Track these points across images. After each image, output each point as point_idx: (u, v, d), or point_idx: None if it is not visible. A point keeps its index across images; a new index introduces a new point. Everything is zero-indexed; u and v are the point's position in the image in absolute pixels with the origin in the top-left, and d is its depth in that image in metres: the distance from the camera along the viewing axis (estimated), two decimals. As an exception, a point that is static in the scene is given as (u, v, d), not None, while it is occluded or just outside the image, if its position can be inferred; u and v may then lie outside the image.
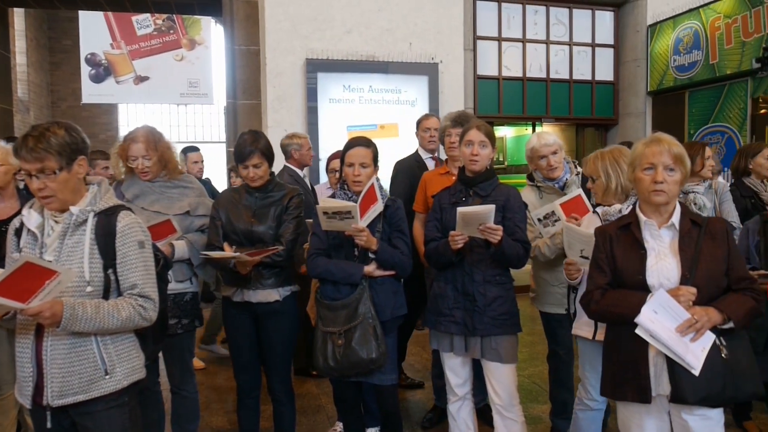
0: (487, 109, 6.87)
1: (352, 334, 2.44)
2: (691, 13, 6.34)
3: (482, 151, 2.56)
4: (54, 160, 1.75)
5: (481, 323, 2.51)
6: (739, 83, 5.81)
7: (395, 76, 6.18)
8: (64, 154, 1.77)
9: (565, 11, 7.16)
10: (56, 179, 1.77)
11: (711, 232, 1.93)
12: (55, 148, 1.75)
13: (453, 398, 2.72)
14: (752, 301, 1.86)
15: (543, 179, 3.10)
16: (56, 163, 1.76)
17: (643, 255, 1.94)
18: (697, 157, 3.36)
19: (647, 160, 1.92)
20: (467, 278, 2.55)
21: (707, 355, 1.79)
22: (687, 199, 3.30)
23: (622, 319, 1.89)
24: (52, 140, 1.76)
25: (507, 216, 2.54)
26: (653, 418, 1.96)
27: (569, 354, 3.17)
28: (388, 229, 2.59)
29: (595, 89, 7.32)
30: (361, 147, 2.57)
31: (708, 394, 1.79)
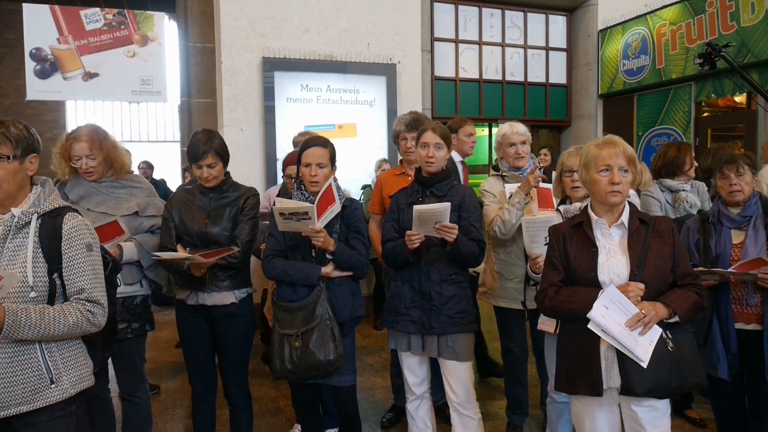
0: (444, 110, 6.94)
1: (309, 336, 2.41)
2: (639, 19, 6.57)
3: (438, 153, 2.59)
4: (9, 146, 1.75)
5: (437, 322, 2.53)
6: (683, 87, 6.06)
7: (353, 76, 6.17)
8: (19, 145, 1.77)
9: (520, 15, 7.31)
10: (6, 167, 1.74)
11: (658, 230, 2.00)
12: (13, 135, 1.76)
13: (411, 397, 2.73)
14: (696, 296, 1.94)
15: (508, 168, 3.16)
16: (11, 150, 1.75)
17: (595, 253, 2.00)
18: (687, 157, 3.48)
19: (603, 162, 1.98)
20: (424, 277, 2.57)
21: (654, 348, 1.86)
22: (679, 197, 3.40)
23: (575, 314, 1.94)
24: (11, 129, 1.77)
25: (462, 215, 2.57)
26: (605, 410, 2.01)
27: (523, 350, 3.24)
28: (345, 230, 2.57)
29: (549, 92, 7.50)
30: (318, 147, 2.54)
31: (655, 386, 1.85)
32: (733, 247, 2.48)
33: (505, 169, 3.19)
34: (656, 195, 3.43)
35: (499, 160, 3.26)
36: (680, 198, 3.40)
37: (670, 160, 3.48)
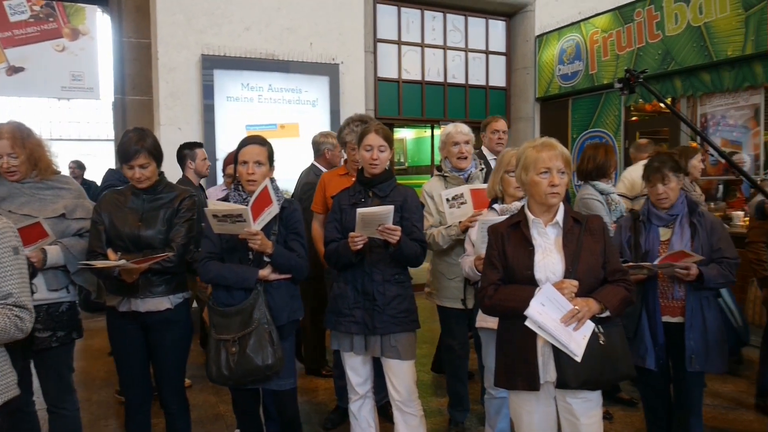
0: (387, 111, 6.98)
1: (246, 340, 2.35)
2: (573, 26, 6.83)
3: (381, 155, 2.60)
4: None
5: (381, 322, 2.53)
6: (614, 93, 6.33)
7: (296, 76, 6.10)
8: None
9: (461, 18, 7.45)
10: None
11: (590, 229, 2.08)
12: None
13: (354, 397, 2.73)
14: (625, 291, 2.03)
15: (450, 169, 3.20)
16: None
17: (531, 251, 2.05)
18: (611, 160, 3.61)
19: (543, 165, 2.03)
20: (367, 278, 2.56)
21: (588, 342, 1.93)
22: (612, 199, 3.50)
23: (513, 312, 1.99)
24: None
25: (405, 216, 2.59)
26: (541, 404, 2.07)
27: (464, 348, 3.29)
28: (284, 232, 2.53)
29: (489, 94, 7.68)
30: (255, 145, 2.49)
31: (588, 378, 1.93)
32: (660, 244, 2.61)
33: (447, 170, 3.23)
34: (597, 197, 3.52)
35: (442, 160, 3.30)
36: (614, 200, 3.52)
37: (601, 164, 3.57)
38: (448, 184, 3.19)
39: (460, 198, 2.97)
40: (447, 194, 3.03)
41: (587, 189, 3.57)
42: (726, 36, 5.14)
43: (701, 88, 5.50)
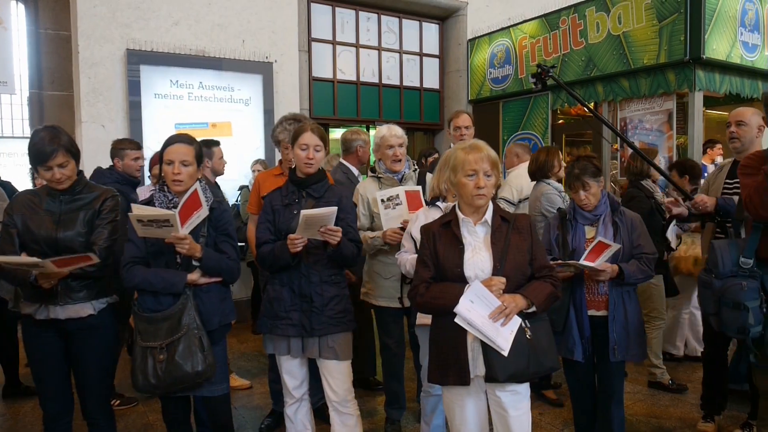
0: (322, 111, 6.94)
1: (175, 347, 2.27)
2: (503, 31, 7.04)
3: (317, 154, 2.58)
4: None
5: (318, 323, 2.52)
6: (541, 97, 6.58)
7: (228, 74, 5.96)
8: None
9: (396, 20, 7.51)
10: None
11: (518, 227, 2.16)
12: None
13: (290, 401, 2.69)
14: (551, 287, 2.12)
15: (385, 170, 3.22)
16: None
17: (462, 250, 2.10)
18: (555, 160, 3.82)
19: (470, 167, 2.09)
20: (304, 280, 2.54)
21: (515, 337, 1.99)
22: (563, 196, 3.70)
23: (444, 309, 2.03)
24: None
25: (340, 217, 2.57)
26: (472, 398, 2.13)
27: (400, 346, 3.33)
28: (213, 233, 2.46)
29: (423, 96, 7.79)
30: (182, 144, 2.40)
31: (515, 372, 1.99)
32: (586, 241, 2.73)
33: (381, 171, 3.25)
34: (556, 193, 3.71)
35: (377, 161, 3.32)
36: (564, 197, 3.72)
37: (542, 164, 3.80)
38: (383, 186, 3.21)
39: (395, 199, 3.00)
40: (382, 195, 3.05)
41: (545, 186, 3.76)
42: (642, 45, 5.46)
43: (621, 93, 5.81)
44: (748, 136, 3.12)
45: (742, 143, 3.13)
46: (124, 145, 3.95)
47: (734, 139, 3.17)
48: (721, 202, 3.01)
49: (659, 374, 4.01)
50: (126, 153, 3.87)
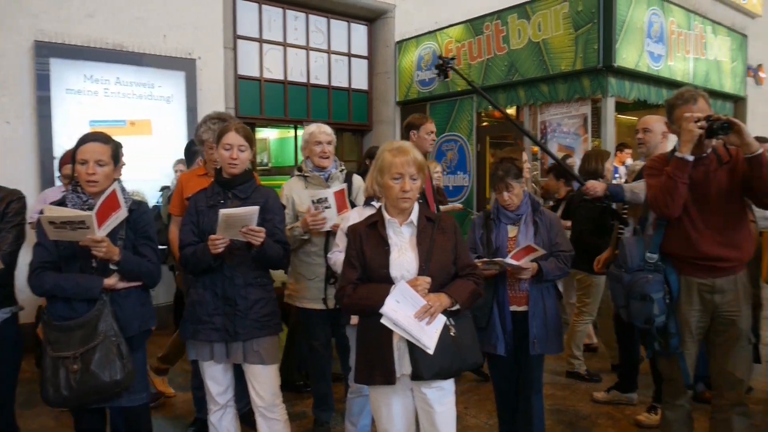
0: (249, 110, 6.80)
1: (90, 356, 2.15)
2: (430, 35, 7.18)
3: (241, 154, 2.53)
4: None
5: (243, 327, 2.46)
6: (467, 99, 6.77)
7: (148, 69, 5.71)
8: None
9: (324, 20, 7.48)
10: None
11: (442, 227, 2.21)
12: None
13: (214, 408, 2.62)
14: (474, 285, 2.18)
15: (312, 168, 3.19)
16: None
17: (387, 250, 2.13)
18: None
19: (396, 170, 2.11)
20: (227, 282, 2.48)
21: (440, 335, 2.04)
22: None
23: (371, 310, 2.04)
24: None
25: (267, 218, 2.54)
26: (399, 396, 2.16)
27: (327, 348, 3.32)
28: (132, 236, 2.36)
29: (352, 97, 7.80)
30: (97, 143, 2.29)
31: (440, 369, 2.04)
32: (509, 240, 2.83)
33: (308, 170, 3.22)
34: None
35: (304, 160, 3.29)
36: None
37: None
38: (309, 185, 3.19)
39: (324, 202, 2.99)
40: (313, 196, 3.04)
41: None
42: (560, 52, 5.73)
43: (540, 98, 6.07)
44: (653, 141, 3.45)
45: (648, 148, 3.47)
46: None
47: (641, 144, 3.52)
48: (610, 187, 3.36)
49: (577, 365, 4.25)
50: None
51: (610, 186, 3.41)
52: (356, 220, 2.57)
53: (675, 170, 2.39)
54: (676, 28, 6.17)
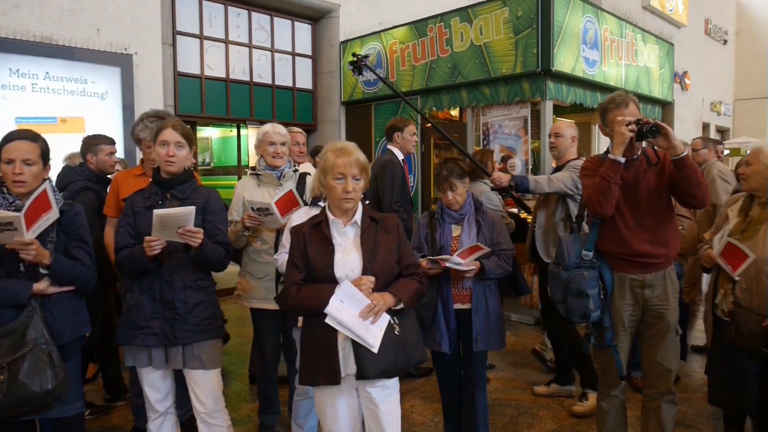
0: (189, 108, 6.62)
1: (18, 365, 2.04)
2: (375, 35, 7.20)
3: (179, 152, 2.45)
4: None
5: (182, 331, 2.39)
6: (411, 100, 6.78)
7: (80, 64, 5.46)
8: None
9: (267, 18, 7.38)
10: None
11: (386, 227, 2.22)
12: None
13: (154, 415, 2.54)
14: (417, 284, 2.21)
15: (265, 167, 3.17)
16: None
17: (332, 251, 2.13)
18: (488, 162, 4.20)
19: (338, 170, 2.11)
20: (166, 285, 2.40)
21: (384, 333, 2.05)
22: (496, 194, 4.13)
23: (315, 311, 2.03)
24: None
25: (207, 218, 2.48)
26: (344, 396, 2.16)
27: (276, 349, 3.27)
28: (64, 239, 2.25)
29: (296, 96, 7.73)
30: (24, 141, 2.17)
31: (385, 368, 2.06)
32: (452, 239, 2.88)
33: (261, 168, 3.20)
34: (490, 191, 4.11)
35: (258, 159, 3.27)
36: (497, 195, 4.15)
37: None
38: (262, 183, 3.17)
39: (266, 211, 2.97)
40: (253, 205, 3.03)
41: (482, 186, 4.18)
42: (501, 56, 5.88)
43: (482, 100, 6.21)
44: (564, 145, 3.70)
45: (558, 151, 3.73)
46: (98, 140, 3.77)
47: (553, 149, 3.77)
48: (516, 178, 3.58)
49: (545, 352, 4.48)
50: (100, 148, 3.74)
51: (516, 176, 3.61)
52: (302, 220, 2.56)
53: (608, 171, 2.49)
54: (610, 35, 6.45)
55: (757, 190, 2.72)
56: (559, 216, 3.67)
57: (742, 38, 16.38)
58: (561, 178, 3.55)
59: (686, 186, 2.47)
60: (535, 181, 3.56)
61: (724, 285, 2.75)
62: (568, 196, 3.61)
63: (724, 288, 2.75)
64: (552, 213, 3.70)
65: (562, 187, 3.53)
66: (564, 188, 3.54)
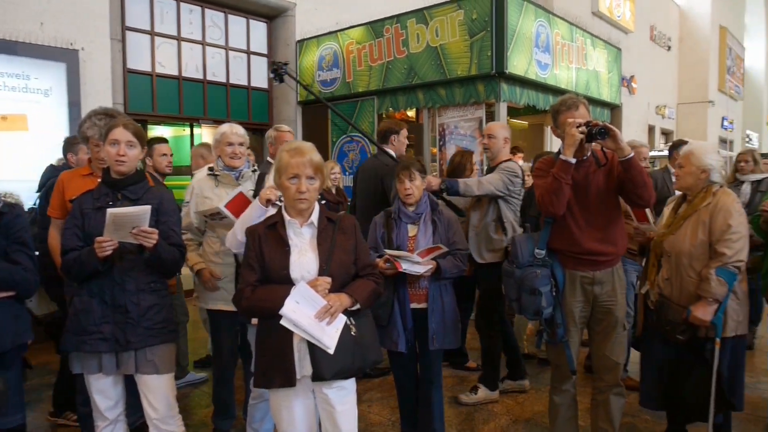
0: (139, 106, 6.43)
1: (-46, 375, 1.95)
2: (331, 35, 7.17)
3: (130, 151, 2.39)
4: None
5: (135, 335, 2.33)
6: (368, 100, 6.84)
7: (22, 59, 5.21)
8: None
9: (221, 15, 7.24)
10: None
11: (343, 227, 2.22)
12: None
13: (103, 423, 2.46)
14: (374, 284, 2.22)
15: (223, 167, 3.13)
16: None
17: (288, 251, 2.11)
18: (467, 163, 4.30)
19: (292, 171, 2.10)
20: (117, 288, 2.33)
21: (340, 334, 2.05)
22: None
23: (270, 312, 2.01)
24: None
25: (161, 220, 2.43)
26: (300, 398, 2.15)
27: (233, 353, 3.22)
28: (4, 242, 2.15)
29: (251, 95, 7.62)
30: None
31: (341, 369, 2.06)
32: (409, 239, 2.91)
33: (219, 168, 3.16)
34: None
35: (216, 159, 3.23)
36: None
37: (456, 166, 4.31)
38: (219, 183, 3.13)
39: (217, 216, 2.94)
40: (205, 212, 3.01)
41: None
42: (456, 57, 5.96)
43: (438, 101, 6.27)
44: (496, 146, 3.81)
45: (492, 152, 3.84)
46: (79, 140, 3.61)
47: (487, 149, 3.88)
48: (447, 181, 3.64)
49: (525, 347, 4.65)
50: (80, 148, 3.69)
51: (446, 180, 3.68)
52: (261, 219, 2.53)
53: (559, 171, 2.57)
54: (561, 39, 6.64)
55: (688, 189, 2.87)
56: (490, 217, 3.75)
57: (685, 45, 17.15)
58: (491, 181, 3.64)
59: (633, 186, 2.57)
60: (465, 184, 3.61)
61: (651, 275, 2.91)
62: (499, 198, 3.70)
63: (650, 278, 2.92)
64: (484, 214, 3.78)
65: (492, 189, 3.62)
66: (494, 190, 3.62)
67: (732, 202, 2.73)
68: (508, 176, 3.65)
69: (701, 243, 2.72)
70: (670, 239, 2.84)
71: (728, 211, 2.69)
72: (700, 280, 2.69)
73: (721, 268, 2.64)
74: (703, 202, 2.77)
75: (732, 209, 2.70)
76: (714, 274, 2.63)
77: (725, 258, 2.63)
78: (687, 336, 2.73)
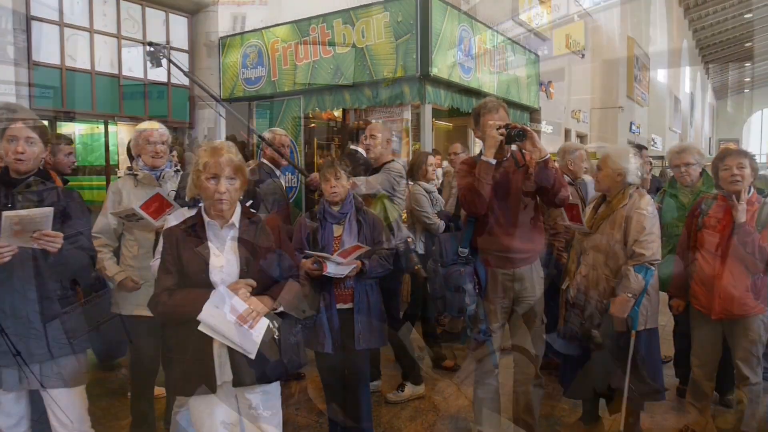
0: (46, 102, 6.02)
1: None
2: (256, 32, 7.02)
3: (30, 148, 2.23)
4: None
5: (39, 347, 2.18)
6: (294, 100, 6.75)
7: None
8: None
9: (138, 8, 6.92)
10: None
11: (265, 228, 2.17)
12: None
13: (4, 443, 2.28)
14: (297, 285, 2.19)
15: (143, 167, 3.03)
16: None
17: (207, 254, 2.04)
18: (423, 165, 4.28)
19: (211, 171, 2.03)
20: (18, 297, 2.17)
21: (262, 338, 2.00)
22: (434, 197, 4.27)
23: (188, 317, 1.94)
24: None
25: (68, 223, 2.28)
26: (222, 405, 2.08)
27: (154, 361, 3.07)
28: None
29: (172, 92, 7.33)
30: None
31: (263, 373, 2.02)
32: (335, 239, 2.89)
33: (138, 168, 3.05)
34: (423, 193, 4.20)
35: (135, 158, 3.12)
36: (435, 198, 4.29)
37: (411, 166, 4.35)
38: (139, 183, 3.02)
39: (133, 217, 2.82)
40: (119, 213, 2.91)
41: (413, 187, 4.25)
42: (382, 59, 5.99)
43: (365, 101, 6.28)
44: (378, 147, 3.91)
45: (374, 153, 3.94)
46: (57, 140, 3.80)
47: (368, 150, 3.99)
48: None
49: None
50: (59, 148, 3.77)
51: None
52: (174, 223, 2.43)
53: (480, 172, 2.64)
54: (483, 44, 6.83)
55: (607, 191, 3.03)
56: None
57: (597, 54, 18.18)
58: (378, 180, 3.73)
59: (548, 186, 2.69)
60: (367, 183, 3.67)
61: (571, 272, 3.06)
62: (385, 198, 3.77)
63: (570, 275, 3.07)
64: None
65: (378, 189, 3.71)
66: (380, 189, 3.72)
67: (646, 205, 2.90)
68: (394, 176, 3.75)
69: (617, 242, 2.87)
70: (588, 238, 2.98)
71: (642, 214, 2.84)
72: (616, 277, 2.84)
73: (639, 265, 2.79)
74: (620, 203, 2.92)
75: (646, 211, 2.85)
76: (633, 271, 2.78)
77: (643, 258, 2.78)
78: (602, 330, 2.87)
